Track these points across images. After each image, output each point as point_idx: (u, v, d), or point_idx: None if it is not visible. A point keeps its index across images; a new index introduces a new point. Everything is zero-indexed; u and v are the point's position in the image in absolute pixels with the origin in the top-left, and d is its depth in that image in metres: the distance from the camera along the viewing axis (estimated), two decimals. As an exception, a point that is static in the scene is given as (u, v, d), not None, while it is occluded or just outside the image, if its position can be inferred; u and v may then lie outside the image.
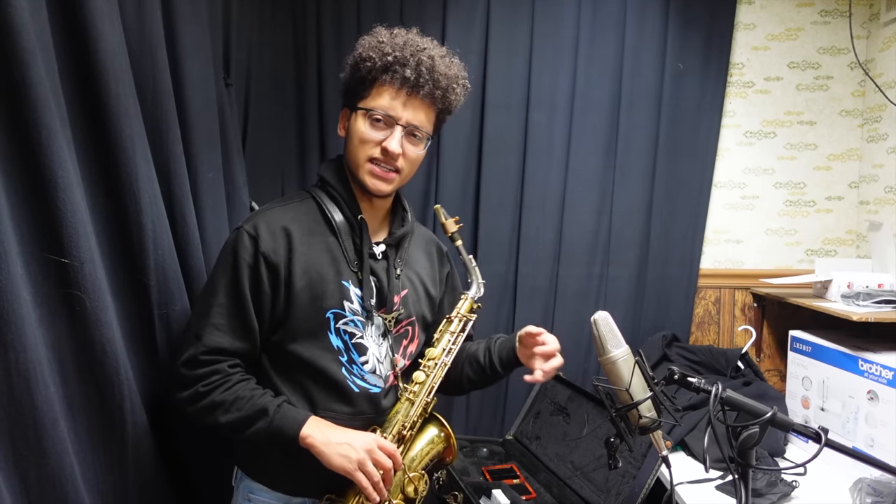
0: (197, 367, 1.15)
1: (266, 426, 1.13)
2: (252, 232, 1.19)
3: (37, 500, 0.91)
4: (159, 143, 1.23)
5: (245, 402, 1.14)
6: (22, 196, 0.90)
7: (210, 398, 1.14)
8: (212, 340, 1.15)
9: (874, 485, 1.55)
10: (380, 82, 1.22)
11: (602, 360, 1.02)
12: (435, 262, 1.43)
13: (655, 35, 2.19)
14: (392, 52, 1.21)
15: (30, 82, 0.87)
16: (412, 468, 1.25)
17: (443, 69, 1.24)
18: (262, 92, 1.97)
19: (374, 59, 1.21)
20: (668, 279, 2.29)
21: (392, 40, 1.23)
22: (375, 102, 1.22)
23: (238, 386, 1.16)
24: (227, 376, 1.16)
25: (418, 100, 1.23)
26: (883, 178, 2.22)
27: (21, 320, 0.86)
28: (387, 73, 1.21)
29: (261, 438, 1.15)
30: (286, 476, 1.22)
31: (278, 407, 1.15)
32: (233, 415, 1.14)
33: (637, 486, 1.54)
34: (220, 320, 1.16)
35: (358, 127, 1.23)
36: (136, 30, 1.16)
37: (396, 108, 1.21)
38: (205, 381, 1.14)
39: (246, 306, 1.17)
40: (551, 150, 2.18)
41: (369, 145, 1.22)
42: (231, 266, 1.18)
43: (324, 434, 1.14)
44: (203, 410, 1.15)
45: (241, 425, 1.14)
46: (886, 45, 2.21)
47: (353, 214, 1.26)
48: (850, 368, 1.82)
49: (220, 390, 1.14)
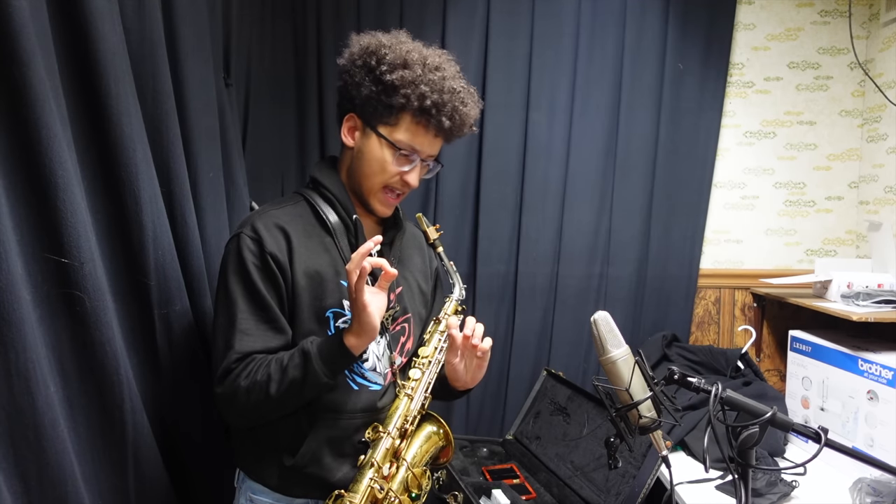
0: (232, 372, 1.14)
1: (313, 364, 1.11)
2: (253, 235, 1.18)
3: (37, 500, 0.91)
4: (159, 142, 1.23)
5: (285, 363, 1.13)
6: (22, 196, 0.90)
7: (254, 381, 1.12)
8: (243, 346, 1.15)
9: (874, 485, 1.55)
10: (413, 120, 1.21)
11: (602, 360, 1.02)
12: (426, 258, 1.44)
13: (655, 35, 2.19)
14: (430, 95, 1.19)
15: (30, 82, 0.87)
16: (415, 465, 1.25)
17: (474, 113, 1.26)
18: (262, 92, 1.97)
19: (409, 96, 1.18)
20: (668, 279, 2.29)
21: (427, 75, 1.20)
22: (405, 139, 1.21)
23: (273, 361, 1.14)
24: (260, 360, 1.15)
25: (441, 139, 1.26)
26: (883, 178, 2.22)
27: (21, 320, 0.86)
28: (423, 116, 1.20)
29: (320, 382, 1.12)
30: (287, 477, 1.22)
31: (311, 342, 1.13)
32: (278, 380, 1.11)
33: (637, 486, 1.54)
34: (246, 325, 1.16)
35: (380, 154, 1.22)
36: (136, 30, 1.16)
37: (423, 147, 1.23)
38: (242, 374, 1.13)
39: (269, 308, 1.17)
40: (551, 150, 2.18)
41: (389, 174, 1.23)
42: (241, 271, 1.17)
43: (358, 337, 1.12)
44: (255, 397, 1.12)
45: (291, 382, 1.12)
46: (886, 45, 2.21)
47: (347, 215, 1.26)
48: (850, 368, 1.82)
49: (259, 371, 1.13)
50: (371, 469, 1.17)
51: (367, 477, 1.17)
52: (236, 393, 1.13)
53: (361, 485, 1.16)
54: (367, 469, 1.18)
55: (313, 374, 1.12)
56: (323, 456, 1.21)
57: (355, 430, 1.22)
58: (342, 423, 1.21)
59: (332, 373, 1.14)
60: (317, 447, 1.20)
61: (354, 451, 1.21)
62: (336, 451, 1.22)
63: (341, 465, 1.21)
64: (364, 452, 1.20)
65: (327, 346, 1.13)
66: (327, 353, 1.13)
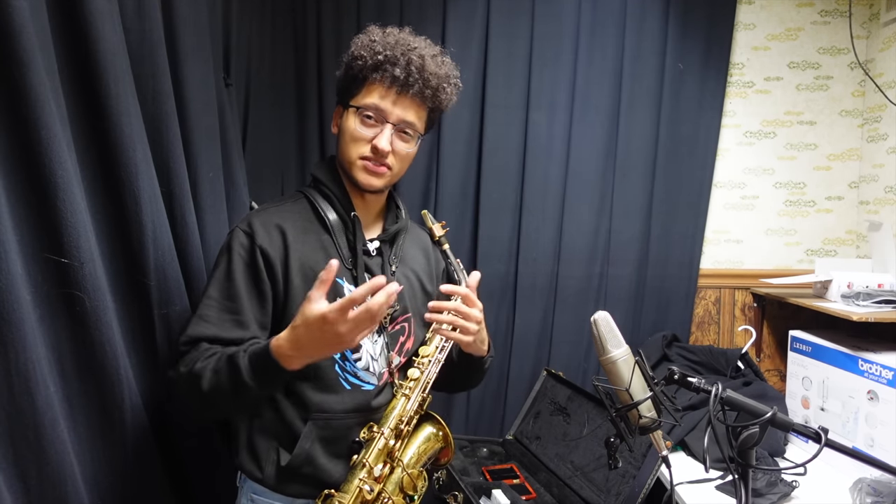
0: (183, 357, 1.14)
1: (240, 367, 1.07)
2: (247, 229, 1.19)
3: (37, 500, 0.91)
4: (159, 143, 1.23)
5: (220, 359, 1.10)
6: (22, 196, 0.90)
7: (190, 372, 1.10)
8: (194, 331, 1.15)
9: (874, 485, 1.55)
10: (370, 80, 1.23)
11: (602, 360, 1.02)
12: (431, 259, 1.43)
13: (655, 35, 2.19)
14: (383, 51, 1.21)
15: (30, 82, 0.87)
16: (411, 466, 1.25)
17: (433, 68, 1.25)
18: (262, 92, 1.97)
19: (365, 57, 1.22)
20: (668, 279, 2.29)
21: (384, 39, 1.24)
22: (366, 100, 1.23)
23: (214, 354, 1.12)
24: (204, 350, 1.13)
25: (408, 98, 1.24)
26: (883, 178, 2.22)
27: (21, 320, 0.86)
28: (377, 72, 1.22)
29: (242, 386, 1.07)
30: (284, 477, 1.21)
31: (244, 350, 1.10)
32: (209, 378, 1.08)
33: (637, 486, 1.54)
34: (207, 312, 1.16)
35: (349, 124, 1.24)
36: (136, 30, 1.16)
37: (386, 106, 1.23)
38: (184, 360, 1.13)
39: (238, 299, 1.16)
40: (551, 150, 2.18)
41: (360, 143, 1.23)
42: (226, 261, 1.18)
43: (295, 335, 1.05)
44: (189, 388, 1.10)
45: (218, 383, 1.08)
46: (886, 45, 2.21)
47: (346, 212, 1.26)
48: (850, 368, 1.82)
49: (198, 362, 1.11)
50: (362, 470, 1.17)
51: (357, 478, 1.17)
52: (179, 378, 1.13)
53: (351, 485, 1.16)
54: (358, 469, 1.18)
55: (239, 377, 1.06)
56: (317, 456, 1.20)
57: (349, 429, 1.22)
58: (334, 423, 1.20)
59: (261, 380, 1.07)
60: (310, 447, 1.20)
61: (349, 451, 1.21)
62: (330, 451, 1.21)
63: (336, 465, 1.21)
64: (358, 452, 1.20)
65: (257, 351, 1.08)
66: (255, 357, 1.07)
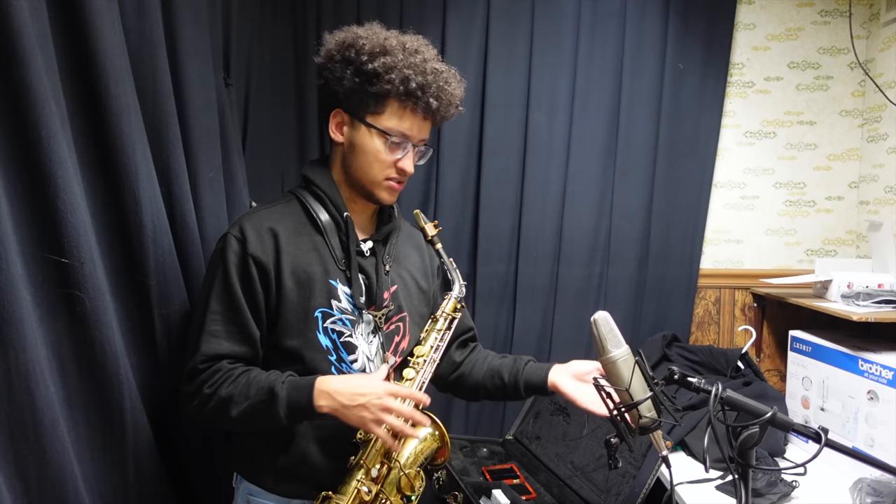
0: (198, 375, 1.14)
1: (278, 408, 1.12)
2: (239, 235, 1.18)
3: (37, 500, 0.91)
4: (159, 143, 1.23)
5: (252, 387, 1.13)
6: (22, 196, 0.90)
7: (217, 395, 1.13)
8: (209, 348, 1.15)
9: (874, 485, 1.55)
10: (400, 105, 1.21)
11: (602, 360, 1.02)
12: (426, 256, 1.43)
13: (655, 35, 2.19)
14: (415, 78, 1.19)
15: (30, 82, 0.87)
16: (408, 466, 1.25)
17: (457, 92, 1.27)
18: (262, 92, 1.97)
19: (393, 80, 1.18)
20: (668, 279, 2.29)
21: (408, 58, 1.20)
22: (393, 125, 1.21)
23: (242, 376, 1.15)
24: (228, 371, 1.15)
25: (430, 122, 1.26)
26: (883, 178, 2.22)
27: (21, 320, 0.86)
28: (409, 99, 1.20)
29: (276, 422, 1.13)
30: (280, 478, 1.21)
31: (282, 384, 1.13)
32: (242, 405, 1.12)
33: (637, 486, 1.54)
34: (215, 327, 1.16)
35: (372, 145, 1.22)
36: (136, 30, 1.16)
37: (414, 133, 1.24)
38: (208, 382, 1.13)
39: (241, 310, 1.16)
40: (551, 150, 2.18)
41: (385, 165, 1.23)
42: (221, 272, 1.17)
43: (336, 401, 1.12)
44: (215, 412, 1.13)
45: (253, 413, 1.12)
46: (886, 45, 2.21)
47: (338, 213, 1.26)
48: (850, 368, 1.82)
49: (224, 385, 1.13)
50: (360, 471, 1.17)
51: (355, 479, 1.17)
52: (198, 397, 1.14)
53: (350, 486, 1.17)
54: (355, 470, 1.18)
55: (275, 415, 1.12)
56: (313, 456, 1.21)
57: (345, 430, 1.21)
58: (329, 423, 1.20)
59: (293, 421, 1.15)
60: (306, 447, 1.20)
61: (346, 451, 1.21)
62: (326, 452, 1.21)
63: (332, 465, 1.21)
64: (355, 453, 1.20)
65: (296, 395, 1.13)
66: (294, 404, 1.12)
